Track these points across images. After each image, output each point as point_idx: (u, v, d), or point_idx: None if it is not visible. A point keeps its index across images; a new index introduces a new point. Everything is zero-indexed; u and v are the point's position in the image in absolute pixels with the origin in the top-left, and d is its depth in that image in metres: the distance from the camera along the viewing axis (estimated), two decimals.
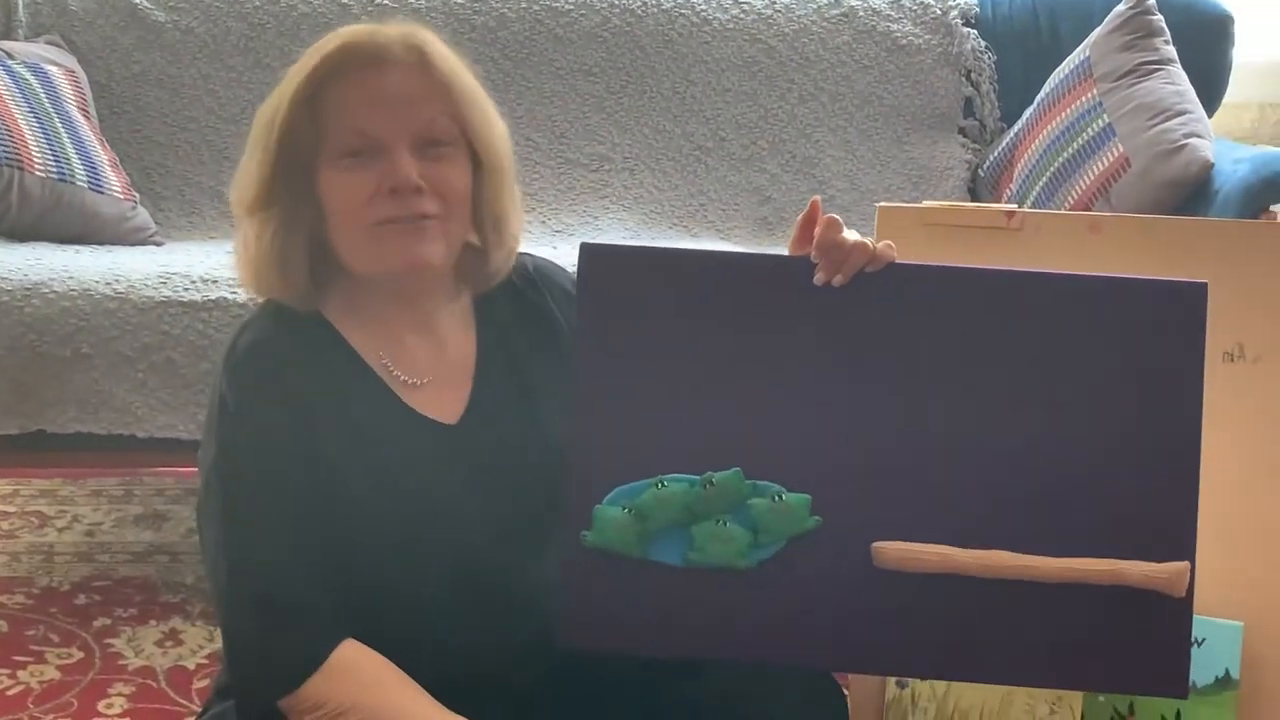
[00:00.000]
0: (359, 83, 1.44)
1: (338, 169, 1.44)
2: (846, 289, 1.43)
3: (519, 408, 1.55)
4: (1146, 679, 1.45)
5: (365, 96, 1.44)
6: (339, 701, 1.39)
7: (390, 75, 1.44)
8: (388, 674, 1.42)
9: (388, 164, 1.43)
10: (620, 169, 3.25)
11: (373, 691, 1.41)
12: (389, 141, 1.44)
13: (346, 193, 1.44)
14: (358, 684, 1.40)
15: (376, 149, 1.44)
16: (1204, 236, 1.84)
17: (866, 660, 1.50)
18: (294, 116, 1.44)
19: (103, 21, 3.11)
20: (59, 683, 2.33)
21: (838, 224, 1.42)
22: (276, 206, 1.46)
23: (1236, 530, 1.75)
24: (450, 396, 1.53)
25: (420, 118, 1.45)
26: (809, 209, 1.44)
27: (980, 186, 3.28)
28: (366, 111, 1.43)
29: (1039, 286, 1.45)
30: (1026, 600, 1.42)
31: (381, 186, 1.44)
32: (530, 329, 1.59)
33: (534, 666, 1.51)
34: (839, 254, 1.42)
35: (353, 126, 1.43)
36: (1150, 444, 1.42)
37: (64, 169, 2.80)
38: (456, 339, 1.57)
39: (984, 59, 3.34)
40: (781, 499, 1.43)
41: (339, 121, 1.43)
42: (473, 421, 1.53)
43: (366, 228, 1.45)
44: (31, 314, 2.39)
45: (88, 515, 3.04)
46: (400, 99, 1.44)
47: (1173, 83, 2.90)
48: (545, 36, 3.24)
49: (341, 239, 1.47)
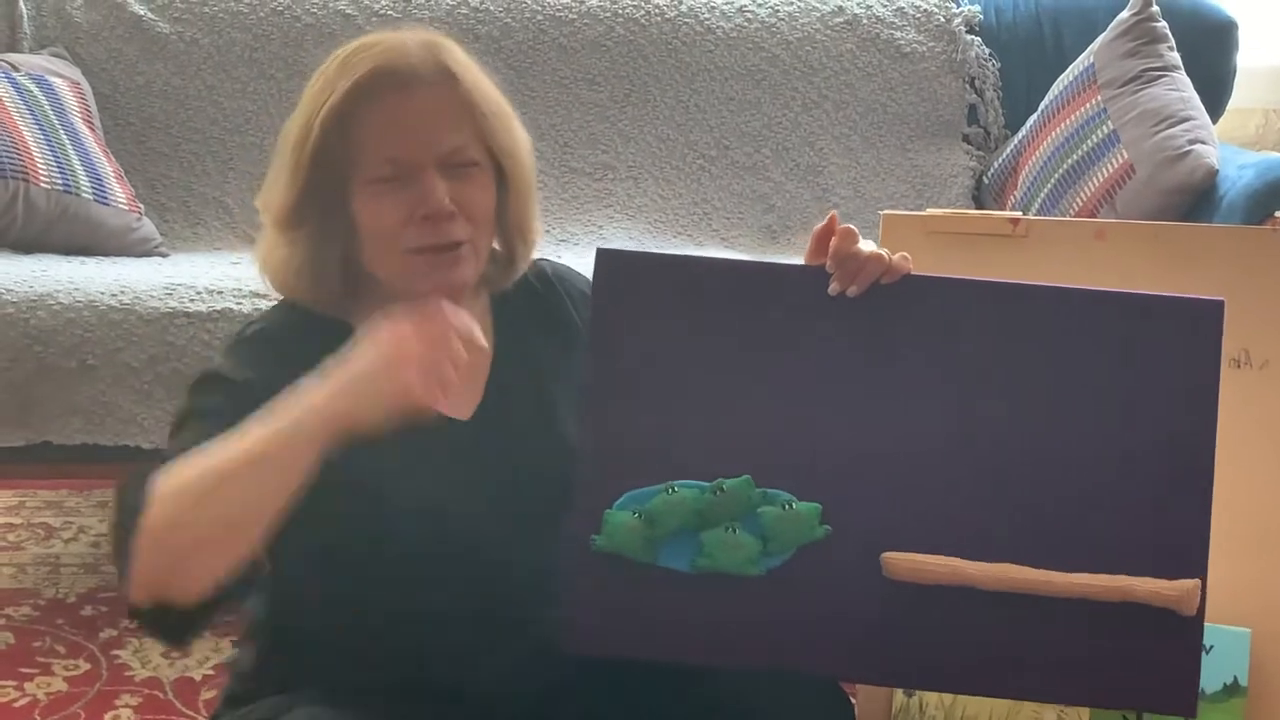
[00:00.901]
0: (390, 107, 1.44)
1: (370, 193, 1.44)
2: (861, 300, 1.43)
3: (533, 406, 1.55)
4: (1155, 697, 1.44)
5: (396, 121, 1.43)
6: (163, 513, 1.27)
7: (420, 98, 1.44)
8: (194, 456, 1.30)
9: (420, 189, 1.43)
10: (624, 178, 3.25)
11: (177, 477, 1.29)
12: (419, 165, 1.43)
13: (379, 217, 1.44)
14: (166, 490, 1.28)
15: (407, 173, 1.44)
16: (1209, 243, 1.84)
17: (873, 670, 1.49)
18: (326, 139, 1.43)
19: (107, 33, 3.11)
20: (66, 694, 2.33)
21: (854, 235, 1.43)
22: (309, 225, 1.46)
23: (1244, 536, 1.75)
24: (466, 392, 1.53)
25: (449, 140, 1.45)
26: (826, 221, 1.44)
27: (984, 194, 3.27)
28: (396, 136, 1.43)
29: (1054, 301, 1.45)
30: (1035, 615, 1.41)
31: (414, 213, 1.43)
32: (547, 330, 1.60)
33: (538, 672, 1.51)
34: (854, 264, 1.43)
35: (384, 153, 1.43)
36: (1163, 461, 1.42)
37: (69, 181, 2.80)
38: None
39: (988, 66, 3.34)
40: (791, 507, 1.43)
41: (370, 146, 1.43)
42: (486, 417, 1.53)
43: (400, 254, 1.45)
44: (37, 325, 2.39)
45: (94, 526, 3.04)
46: (430, 122, 1.44)
47: (1177, 89, 2.90)
48: (549, 46, 3.24)
49: (374, 259, 1.47)
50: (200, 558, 1.28)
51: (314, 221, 1.45)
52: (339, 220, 1.45)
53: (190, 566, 1.28)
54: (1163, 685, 1.42)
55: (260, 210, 1.50)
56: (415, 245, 1.44)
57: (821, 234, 1.45)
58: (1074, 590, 1.41)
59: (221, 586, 1.30)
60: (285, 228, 1.47)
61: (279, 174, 1.47)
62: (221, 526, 1.28)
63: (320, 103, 1.44)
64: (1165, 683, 1.42)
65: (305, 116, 1.45)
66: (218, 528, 1.28)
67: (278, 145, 1.49)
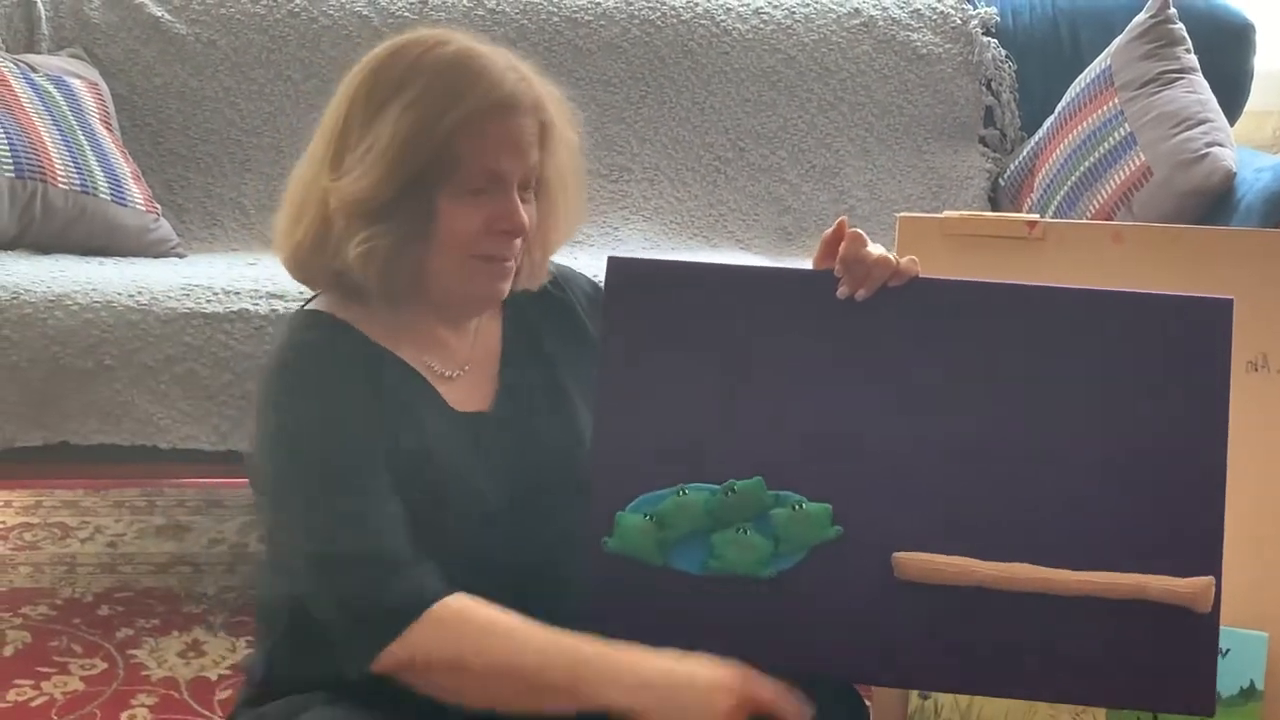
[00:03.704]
0: (497, 129, 1.48)
1: (460, 200, 1.48)
2: (869, 303, 1.45)
3: (547, 398, 1.58)
4: (1172, 697, 1.43)
5: (500, 142, 1.48)
6: (444, 650, 1.39)
7: (518, 122, 1.49)
8: (501, 620, 1.40)
9: (505, 205, 1.49)
10: (640, 180, 3.25)
11: (480, 639, 1.39)
12: (509, 183, 1.49)
13: (463, 223, 1.49)
14: (462, 632, 1.39)
15: (496, 187, 1.49)
16: (1227, 246, 1.84)
17: (885, 671, 1.49)
18: (434, 149, 1.47)
19: (125, 34, 3.13)
20: (82, 694, 2.34)
21: (862, 239, 1.45)
22: (395, 220, 1.48)
23: (1261, 540, 1.75)
24: (482, 386, 1.57)
25: (530, 164, 1.51)
26: (835, 228, 1.46)
27: (1001, 196, 3.27)
28: (496, 155, 1.48)
29: (1062, 301, 1.45)
30: (1048, 615, 1.41)
31: (493, 224, 1.49)
32: (557, 325, 1.63)
33: None
34: (862, 268, 1.44)
35: (485, 167, 1.48)
36: (1175, 459, 1.42)
37: (87, 181, 2.81)
38: (486, 328, 1.61)
39: (1004, 68, 3.34)
40: (802, 508, 1.43)
41: (473, 160, 1.47)
42: (503, 408, 1.56)
43: (465, 258, 1.50)
44: (54, 326, 2.40)
45: (110, 526, 3.05)
46: (522, 145, 1.50)
47: (1194, 91, 2.89)
48: (565, 48, 3.25)
49: (441, 257, 1.50)
50: (452, 696, 1.40)
51: (400, 217, 1.48)
52: (423, 219, 1.48)
53: (440, 692, 1.40)
54: (1179, 685, 1.41)
55: (333, 198, 1.49)
56: (485, 253, 1.50)
57: (830, 239, 1.47)
58: (1087, 589, 1.41)
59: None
60: (368, 220, 1.48)
61: (371, 167, 1.47)
62: (481, 699, 1.40)
63: (433, 115, 1.47)
64: (1181, 682, 1.41)
65: (414, 121, 1.47)
66: (478, 697, 1.40)
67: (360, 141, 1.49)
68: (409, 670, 1.39)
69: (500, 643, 1.39)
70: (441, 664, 1.39)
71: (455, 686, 1.39)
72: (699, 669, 1.37)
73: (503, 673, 1.38)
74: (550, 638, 1.39)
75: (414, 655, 1.39)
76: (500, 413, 1.56)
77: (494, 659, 1.39)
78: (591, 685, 1.36)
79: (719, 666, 1.37)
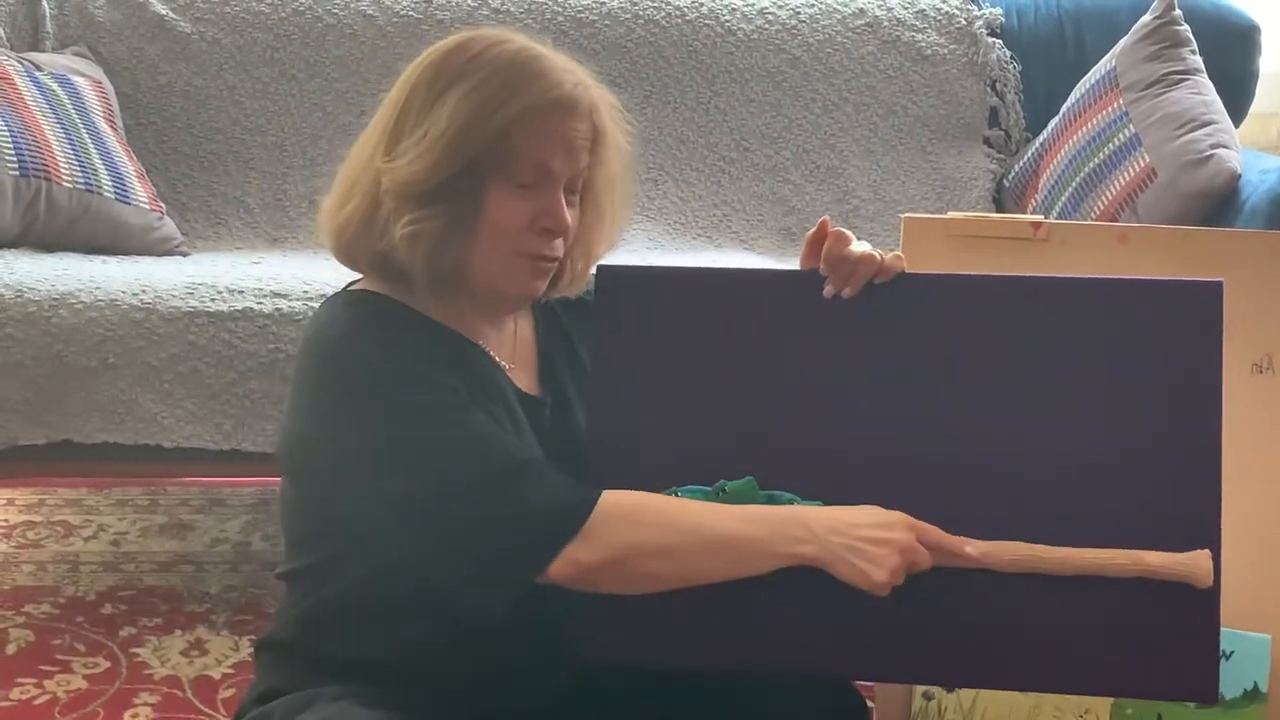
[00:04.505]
0: (554, 127, 1.49)
1: (508, 192, 1.49)
2: (856, 300, 1.46)
3: (580, 401, 1.59)
4: (1175, 683, 1.42)
5: (551, 140, 1.49)
6: (646, 538, 1.40)
7: (573, 123, 1.50)
8: (671, 501, 1.44)
9: (549, 202, 1.50)
10: (644, 179, 3.24)
11: (676, 519, 1.42)
12: (557, 181, 1.50)
13: (510, 215, 1.49)
14: (655, 518, 1.42)
15: (544, 184, 1.50)
16: (1232, 248, 1.84)
17: (886, 668, 1.49)
18: (488, 138, 1.47)
19: (129, 33, 3.13)
20: (85, 692, 2.34)
21: (845, 237, 1.46)
22: (443, 205, 1.48)
23: (1265, 542, 1.74)
24: (525, 381, 1.58)
25: (579, 167, 1.52)
26: (817, 227, 1.48)
27: (1005, 197, 3.27)
28: (551, 152, 1.49)
29: (1052, 289, 1.46)
30: (1048, 602, 1.41)
31: (537, 222, 1.50)
32: (575, 319, 1.64)
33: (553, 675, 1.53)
34: (847, 266, 1.46)
35: (536, 163, 1.49)
36: (1171, 439, 1.42)
37: (91, 180, 2.81)
38: (520, 328, 1.62)
39: (1009, 69, 3.34)
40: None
41: (527, 154, 1.48)
42: (548, 397, 1.58)
43: (509, 253, 1.50)
44: (59, 324, 2.40)
45: (113, 525, 3.05)
46: (574, 146, 1.51)
47: (1199, 93, 2.89)
48: (569, 48, 3.18)
49: (484, 249, 1.50)
50: (650, 584, 1.42)
51: (448, 203, 1.48)
52: (470, 208, 1.49)
53: (639, 582, 1.42)
54: (1182, 670, 1.41)
55: (385, 178, 1.49)
56: (528, 250, 1.50)
57: (814, 239, 1.48)
58: (1085, 566, 1.40)
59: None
60: (417, 203, 1.48)
61: (424, 153, 1.48)
62: (681, 577, 1.42)
63: (491, 105, 1.48)
64: (1185, 667, 1.41)
65: (474, 109, 1.47)
66: (679, 575, 1.42)
67: (418, 126, 1.49)
68: (610, 567, 1.40)
69: (693, 519, 1.42)
70: (651, 551, 1.40)
71: (659, 571, 1.41)
72: (872, 513, 1.41)
73: (710, 546, 1.41)
74: (724, 509, 1.43)
75: (614, 552, 1.39)
76: (546, 400, 1.58)
77: (700, 535, 1.41)
78: (786, 543, 1.40)
79: (885, 510, 1.41)
